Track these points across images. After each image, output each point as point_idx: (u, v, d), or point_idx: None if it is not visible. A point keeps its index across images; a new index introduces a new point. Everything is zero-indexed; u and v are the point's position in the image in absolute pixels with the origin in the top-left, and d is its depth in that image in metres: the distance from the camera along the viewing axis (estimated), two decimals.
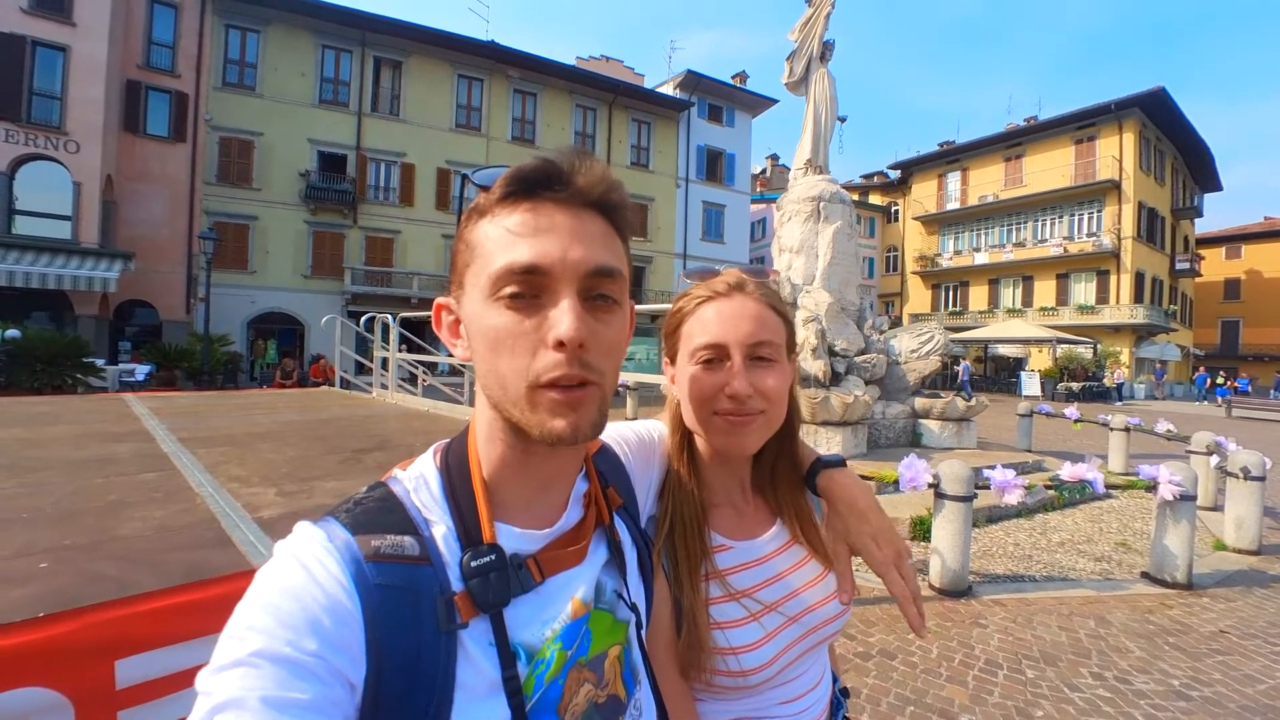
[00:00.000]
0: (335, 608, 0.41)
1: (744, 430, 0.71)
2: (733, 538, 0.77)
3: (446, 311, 0.54)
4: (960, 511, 3.74)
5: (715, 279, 0.76)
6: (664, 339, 0.79)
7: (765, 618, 0.72)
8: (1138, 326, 26.06)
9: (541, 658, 0.50)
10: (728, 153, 28.38)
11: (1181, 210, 30.99)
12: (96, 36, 14.70)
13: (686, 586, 0.70)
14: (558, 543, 0.55)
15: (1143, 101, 25.76)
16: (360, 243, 20.58)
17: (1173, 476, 3.91)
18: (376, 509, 0.49)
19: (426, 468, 0.54)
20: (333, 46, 20.12)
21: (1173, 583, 3.94)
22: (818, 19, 8.67)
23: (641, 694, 0.60)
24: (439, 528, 0.50)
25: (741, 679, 0.69)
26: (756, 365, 0.71)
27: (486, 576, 0.47)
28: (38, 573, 0.98)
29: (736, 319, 0.71)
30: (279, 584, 0.42)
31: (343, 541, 0.45)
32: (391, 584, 0.44)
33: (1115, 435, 8.04)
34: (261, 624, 0.39)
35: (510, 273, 0.46)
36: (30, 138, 14.03)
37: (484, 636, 0.47)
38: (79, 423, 2.64)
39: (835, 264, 8.11)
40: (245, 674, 0.37)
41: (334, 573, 0.43)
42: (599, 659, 0.55)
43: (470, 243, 0.50)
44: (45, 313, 14.25)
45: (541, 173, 0.48)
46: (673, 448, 0.79)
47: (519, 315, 0.46)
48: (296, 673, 0.38)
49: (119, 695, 0.86)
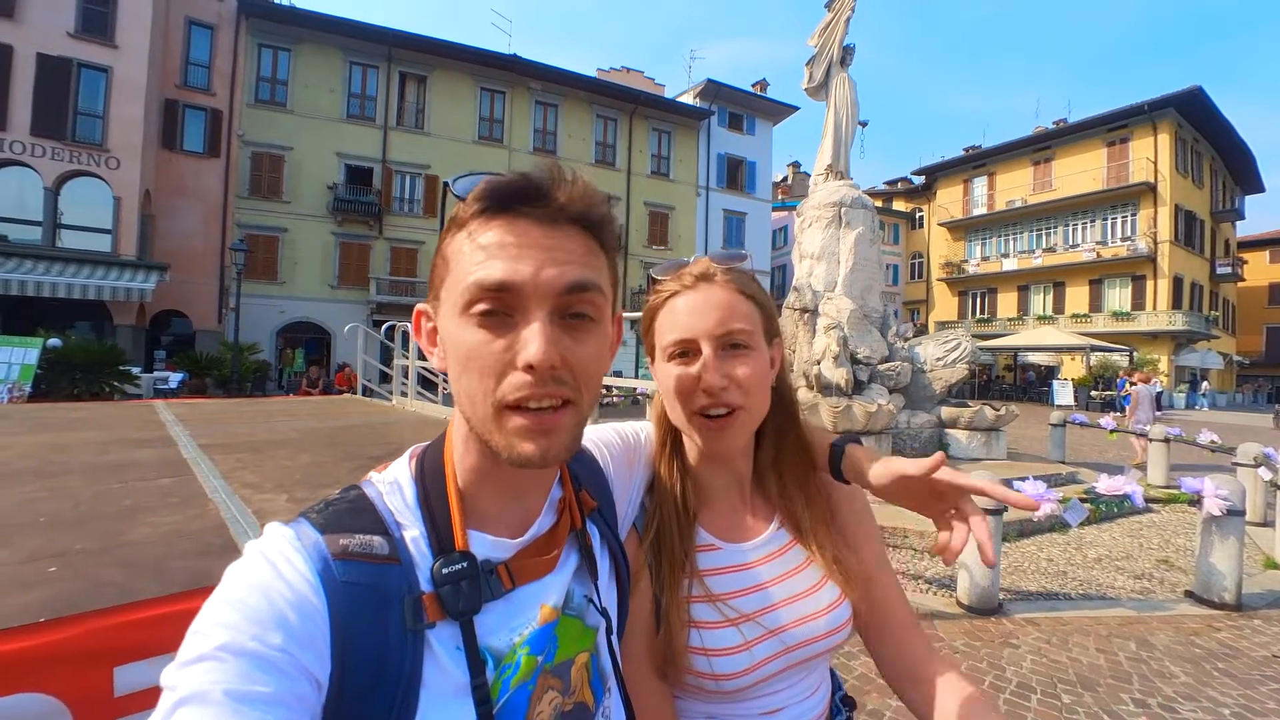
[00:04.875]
0: (301, 604, 0.41)
1: (724, 432, 0.69)
2: (723, 538, 0.75)
3: (425, 318, 0.54)
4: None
5: (683, 271, 0.73)
6: (642, 336, 0.78)
7: (744, 626, 0.69)
8: (1176, 333, 25.16)
9: (509, 662, 0.50)
10: (748, 161, 28.33)
11: (1221, 213, 29.92)
12: (137, 58, 15.37)
13: (667, 587, 0.69)
14: (529, 551, 0.54)
15: (1178, 102, 25.03)
16: (385, 253, 21.00)
17: (1219, 490, 3.72)
18: (348, 510, 0.50)
19: (401, 472, 0.54)
20: (360, 63, 20.70)
21: (1220, 603, 3.73)
22: (837, 23, 8.61)
23: (610, 701, 0.59)
24: (410, 531, 0.50)
25: (714, 683, 0.67)
26: (730, 355, 0.69)
27: (458, 584, 0.47)
28: (45, 577, 0.98)
29: (704, 310, 0.69)
30: (246, 580, 0.42)
31: (311, 540, 0.45)
32: (358, 582, 0.44)
33: (1155, 446, 7.74)
34: (227, 619, 0.39)
35: (481, 289, 0.46)
36: (74, 155, 14.70)
37: (452, 640, 0.47)
38: (107, 428, 2.70)
39: (857, 270, 7.98)
40: (210, 668, 0.37)
41: (301, 570, 0.43)
42: (565, 666, 0.54)
43: (445, 255, 0.49)
44: (87, 322, 14.83)
45: (517, 188, 0.47)
46: (655, 447, 0.78)
47: (489, 334, 0.46)
48: (261, 666, 0.38)
49: (117, 702, 0.85)
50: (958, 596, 3.68)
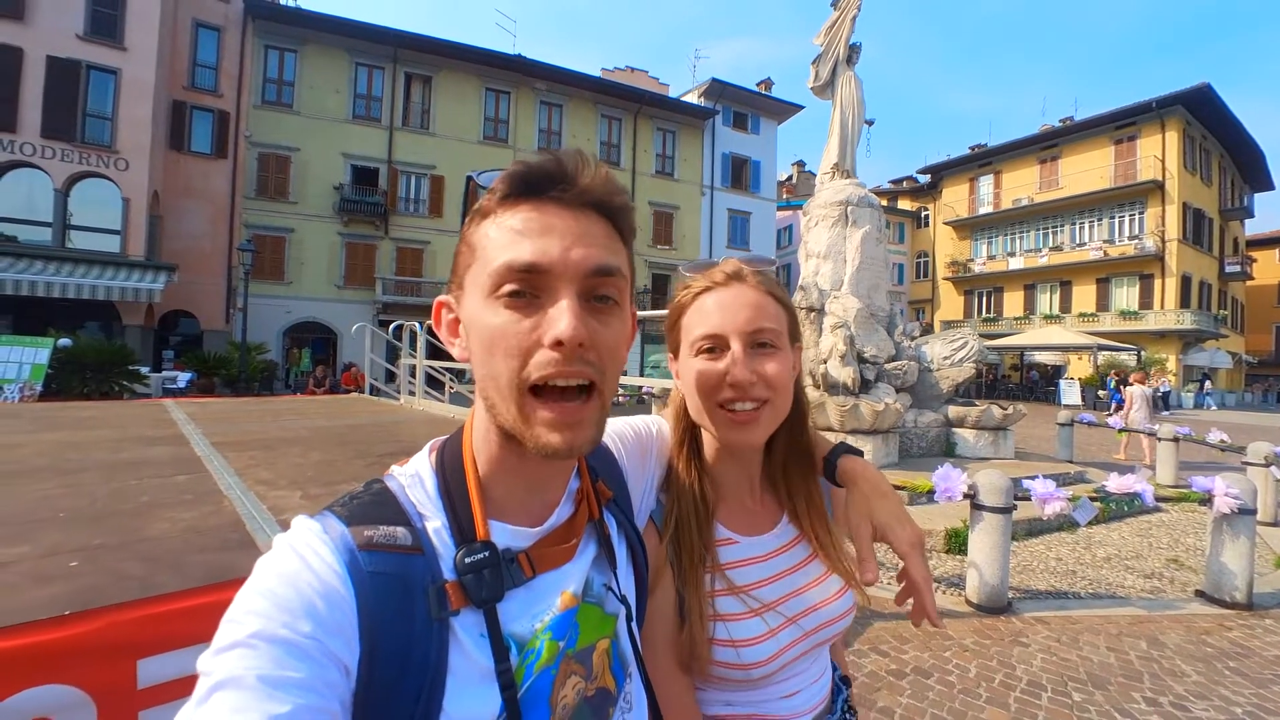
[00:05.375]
0: (329, 593, 0.43)
1: (750, 426, 0.70)
2: (740, 533, 0.77)
3: (446, 309, 0.55)
4: (999, 524, 3.59)
5: (713, 269, 0.76)
6: (666, 333, 0.80)
7: (767, 615, 0.72)
8: (1185, 332, 24.95)
9: (532, 648, 0.51)
10: (753, 160, 28.28)
11: (1230, 211, 29.66)
12: (145, 59, 15.49)
13: (689, 581, 0.70)
14: (549, 539, 0.55)
15: (1186, 99, 24.81)
16: (391, 253, 21.07)
17: (1230, 488, 3.69)
18: (371, 502, 0.51)
19: (422, 466, 0.56)
20: (366, 64, 20.77)
21: (1231, 602, 3.70)
22: (843, 22, 8.58)
23: (632, 686, 0.60)
24: (432, 522, 0.51)
25: (741, 672, 0.69)
26: (758, 353, 0.70)
27: (480, 573, 0.48)
28: (67, 571, 0.99)
29: (735, 307, 0.71)
30: (276, 571, 0.43)
31: (337, 532, 0.46)
32: (384, 571, 0.46)
33: (1164, 445, 7.68)
34: (259, 608, 0.40)
35: (510, 270, 0.46)
36: (84, 156, 14.82)
37: (476, 628, 0.48)
38: (120, 426, 2.72)
39: (864, 269, 7.95)
40: (243, 654, 0.38)
41: (328, 560, 0.44)
42: (587, 651, 0.55)
43: (472, 244, 0.50)
44: (96, 322, 14.95)
45: (544, 172, 0.48)
46: (674, 442, 0.79)
47: (517, 314, 0.47)
48: (292, 653, 0.39)
49: (140, 695, 0.86)
50: (967, 595, 3.67)
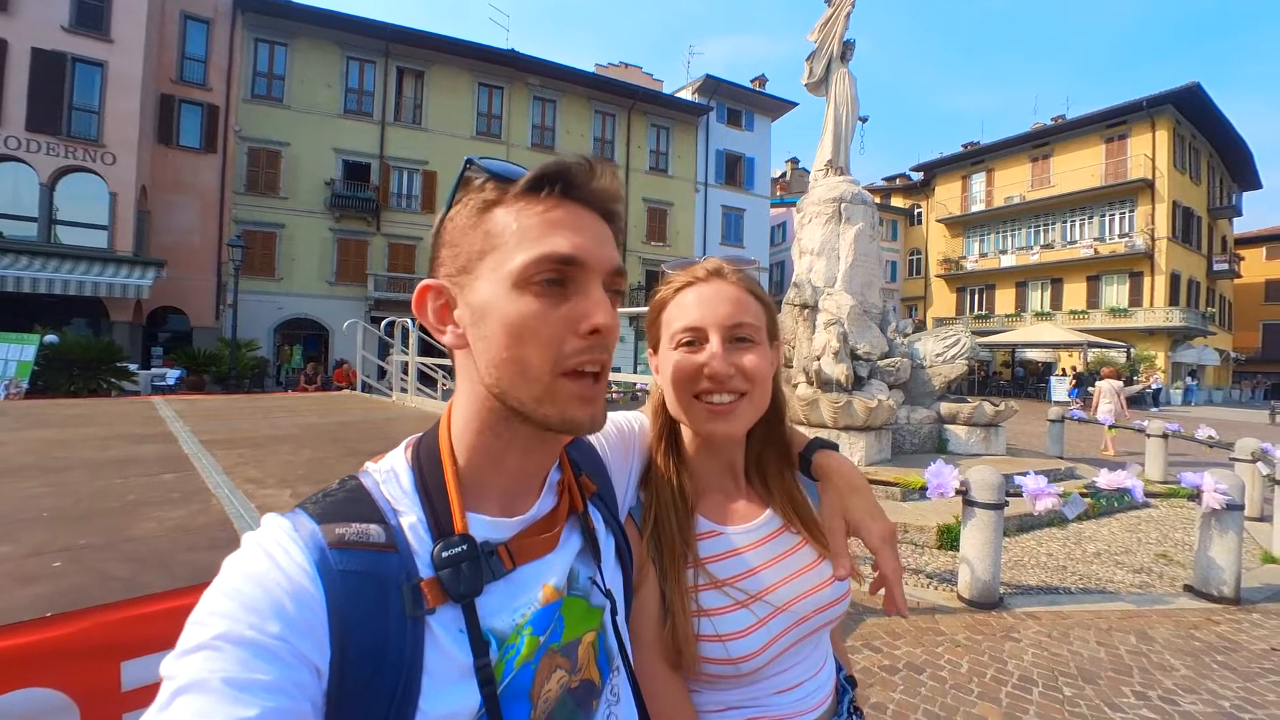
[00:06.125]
0: (298, 593, 0.42)
1: (727, 417, 0.71)
2: (724, 523, 0.77)
3: (435, 295, 0.53)
4: (991, 520, 3.61)
5: (695, 266, 0.77)
6: (647, 328, 0.81)
7: (754, 606, 0.71)
8: (1173, 330, 25.21)
9: (512, 643, 0.50)
10: (747, 157, 28.26)
11: (1219, 209, 29.95)
12: (132, 52, 15.26)
13: (670, 577, 0.70)
14: (529, 530, 0.55)
15: (1176, 98, 25.01)
16: (383, 249, 20.91)
17: (1218, 484, 3.73)
18: (344, 499, 0.50)
19: (397, 461, 0.55)
20: (357, 58, 20.55)
21: (1219, 597, 3.75)
22: (838, 19, 8.58)
23: (618, 679, 0.60)
24: (408, 517, 0.50)
25: (731, 667, 0.68)
26: (736, 346, 0.72)
27: (458, 567, 0.48)
28: (50, 571, 0.97)
29: (715, 302, 0.72)
30: (243, 571, 0.42)
31: (308, 530, 0.46)
32: (355, 570, 0.45)
33: (1153, 442, 7.76)
34: (225, 609, 0.39)
35: (549, 261, 0.48)
36: (70, 150, 14.60)
37: (454, 623, 0.47)
38: (107, 424, 2.68)
39: (857, 266, 7.97)
40: (208, 657, 0.37)
41: (297, 559, 0.43)
42: (572, 645, 0.55)
43: (488, 231, 0.50)
44: (83, 319, 14.77)
45: (579, 172, 0.51)
46: (652, 436, 0.80)
47: (551, 303, 0.48)
48: (259, 654, 0.38)
49: (124, 697, 0.84)
50: (958, 591, 3.69)
